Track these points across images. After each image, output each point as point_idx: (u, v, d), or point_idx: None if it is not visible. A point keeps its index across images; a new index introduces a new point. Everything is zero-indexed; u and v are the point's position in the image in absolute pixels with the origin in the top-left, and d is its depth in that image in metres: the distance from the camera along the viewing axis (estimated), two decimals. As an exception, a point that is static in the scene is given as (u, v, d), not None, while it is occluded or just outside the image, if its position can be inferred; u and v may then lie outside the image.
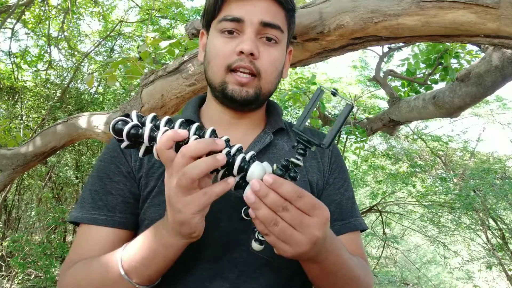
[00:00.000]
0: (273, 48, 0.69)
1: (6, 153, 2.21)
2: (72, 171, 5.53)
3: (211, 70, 0.70)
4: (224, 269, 0.64)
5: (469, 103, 2.26)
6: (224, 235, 0.65)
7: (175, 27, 6.17)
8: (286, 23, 0.71)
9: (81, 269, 0.63)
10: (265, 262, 0.65)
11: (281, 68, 0.73)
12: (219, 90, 0.69)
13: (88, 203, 0.68)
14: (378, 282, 7.39)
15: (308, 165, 0.75)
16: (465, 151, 6.40)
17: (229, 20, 0.67)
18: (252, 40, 0.66)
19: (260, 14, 0.66)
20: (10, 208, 5.72)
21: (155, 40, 1.75)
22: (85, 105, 5.43)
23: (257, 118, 0.77)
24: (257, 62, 0.67)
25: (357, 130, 2.96)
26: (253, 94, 0.68)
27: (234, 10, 0.67)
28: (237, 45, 0.66)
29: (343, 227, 0.73)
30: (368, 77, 5.93)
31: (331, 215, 0.70)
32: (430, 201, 5.94)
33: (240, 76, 0.66)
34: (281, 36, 0.69)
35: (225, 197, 0.65)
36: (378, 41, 1.21)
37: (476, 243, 6.23)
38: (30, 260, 4.34)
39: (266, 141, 0.73)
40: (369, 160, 6.75)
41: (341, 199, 0.75)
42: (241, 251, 0.64)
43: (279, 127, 0.76)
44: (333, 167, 0.77)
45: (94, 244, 0.66)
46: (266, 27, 0.67)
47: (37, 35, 6.04)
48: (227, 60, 0.67)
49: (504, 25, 0.97)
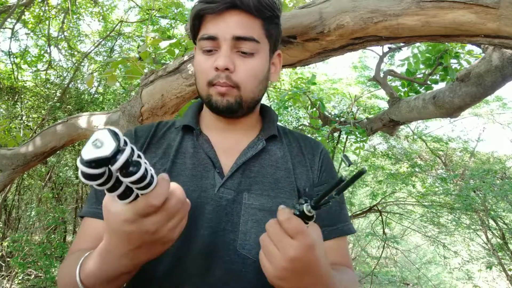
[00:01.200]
0: (249, 59, 0.72)
1: (6, 153, 2.21)
2: (72, 171, 5.53)
3: (198, 85, 0.76)
4: (212, 265, 0.66)
5: (469, 103, 2.26)
6: (214, 233, 0.68)
7: (175, 27, 6.17)
8: (263, 32, 0.73)
9: (67, 263, 0.66)
10: (251, 262, 0.67)
11: (264, 75, 0.75)
12: (206, 101, 0.74)
13: (92, 199, 0.73)
14: (378, 282, 7.39)
15: (298, 171, 0.78)
16: (465, 151, 6.40)
17: (205, 39, 0.71)
18: (226, 55, 0.70)
19: (232, 29, 0.70)
20: (10, 208, 5.72)
21: (155, 40, 1.75)
22: (85, 105, 5.43)
23: (251, 123, 0.81)
24: (233, 76, 0.70)
25: (357, 130, 2.96)
26: (234, 102, 0.72)
27: (209, 29, 0.71)
28: (213, 62, 0.71)
29: (331, 232, 0.76)
30: (368, 77, 5.93)
31: (320, 221, 0.72)
32: (430, 201, 5.94)
33: (219, 87, 0.71)
34: (257, 46, 0.72)
35: (217, 200, 0.70)
36: (378, 41, 1.21)
37: (476, 243, 6.23)
38: (30, 260, 4.34)
39: (258, 148, 0.76)
40: (369, 160, 6.75)
41: (330, 205, 0.76)
42: (228, 249, 0.67)
43: (272, 134, 0.79)
44: (323, 176, 0.80)
45: (92, 236, 0.69)
46: (239, 41, 0.70)
47: (37, 35, 6.04)
48: (207, 76, 0.72)
49: (504, 25, 0.97)
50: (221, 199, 0.70)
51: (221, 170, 0.73)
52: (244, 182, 0.72)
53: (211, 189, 0.71)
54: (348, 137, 3.87)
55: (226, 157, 0.75)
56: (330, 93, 6.16)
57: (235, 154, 0.75)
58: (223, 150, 0.76)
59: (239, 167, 0.73)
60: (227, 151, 0.76)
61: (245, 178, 0.73)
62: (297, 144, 0.83)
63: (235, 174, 0.73)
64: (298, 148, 0.82)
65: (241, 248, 0.68)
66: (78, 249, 0.68)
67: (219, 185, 0.71)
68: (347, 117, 3.59)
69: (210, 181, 0.72)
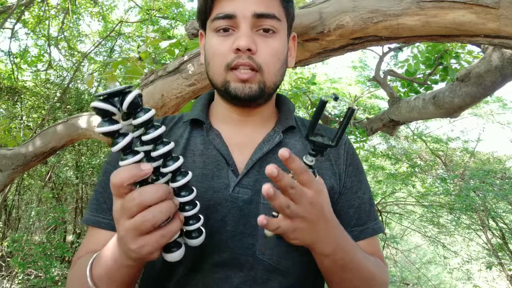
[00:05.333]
0: (271, 38, 0.65)
1: (6, 153, 2.21)
2: (72, 171, 5.53)
3: (211, 71, 0.68)
4: (231, 274, 0.62)
5: (469, 103, 2.26)
6: (230, 238, 0.63)
7: (175, 27, 6.17)
8: (282, 10, 0.67)
9: (75, 269, 0.64)
10: (272, 268, 0.63)
11: (284, 58, 0.69)
12: (222, 89, 0.66)
13: (94, 205, 0.69)
14: (378, 282, 7.38)
15: (320, 165, 0.71)
16: (465, 151, 6.40)
17: (221, 18, 0.64)
18: (248, 35, 0.63)
19: (252, 6, 0.63)
20: (10, 208, 5.72)
21: (155, 40, 1.75)
22: (85, 105, 5.42)
23: (267, 114, 0.74)
24: (256, 57, 0.64)
25: (357, 130, 2.96)
26: (257, 89, 0.65)
27: (225, 7, 0.64)
28: (233, 43, 0.63)
29: (362, 233, 0.71)
30: (368, 77, 5.93)
31: (349, 220, 0.70)
32: (430, 202, 5.94)
33: (241, 72, 0.63)
34: (278, 25, 0.66)
35: (232, 201, 0.64)
36: (378, 41, 1.21)
37: (476, 243, 6.23)
38: (30, 260, 4.33)
39: (275, 141, 0.69)
40: (369, 160, 6.74)
41: (360, 203, 0.72)
42: (247, 255, 0.63)
43: (290, 125, 0.72)
44: (349, 170, 0.73)
45: (96, 245, 0.66)
46: (260, 18, 0.64)
47: (37, 35, 6.04)
48: (225, 59, 0.64)
49: (504, 25, 0.97)
50: (237, 200, 0.63)
51: (235, 168, 0.66)
52: (261, 180, 0.65)
53: (225, 189, 0.64)
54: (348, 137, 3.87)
55: (240, 153, 0.68)
56: (330, 93, 6.16)
57: (249, 149, 0.68)
58: (237, 145, 0.69)
59: (255, 163, 0.66)
60: (240, 146, 0.69)
61: (262, 176, 0.65)
62: None
63: (251, 171, 0.65)
64: None
65: (261, 253, 0.62)
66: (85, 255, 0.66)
67: (234, 184, 0.64)
68: (347, 117, 3.57)
69: (223, 180, 0.65)
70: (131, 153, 0.47)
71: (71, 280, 0.64)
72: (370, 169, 6.66)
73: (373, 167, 6.60)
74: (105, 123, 0.45)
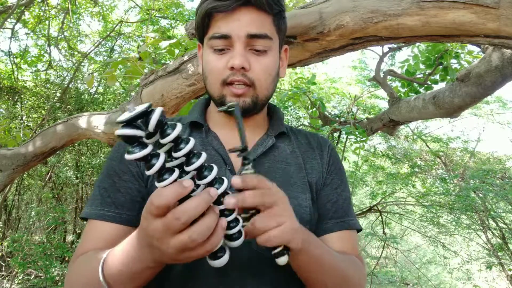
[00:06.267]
0: (263, 57, 0.71)
1: (6, 153, 2.21)
2: (72, 171, 5.53)
3: (209, 85, 0.74)
4: (227, 265, 0.64)
5: (469, 103, 2.26)
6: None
7: (175, 27, 6.17)
8: (274, 28, 0.73)
9: (78, 264, 0.65)
10: (267, 261, 0.65)
11: (276, 72, 0.75)
12: (219, 102, 0.73)
13: (97, 200, 0.71)
14: (378, 282, 7.39)
15: (308, 166, 0.78)
16: (465, 151, 6.40)
17: (217, 38, 0.70)
18: (242, 54, 0.69)
19: (245, 27, 0.68)
20: (10, 208, 5.73)
21: (155, 40, 1.75)
22: (85, 105, 5.43)
23: (259, 121, 0.81)
24: (249, 74, 0.70)
25: (357, 130, 2.96)
26: (251, 102, 0.71)
27: (221, 27, 0.69)
28: (228, 61, 0.69)
29: (336, 225, 0.76)
30: (367, 77, 5.93)
31: (326, 213, 0.76)
32: (430, 202, 5.94)
33: (236, 88, 0.70)
34: (270, 43, 0.72)
35: None
36: (378, 41, 1.21)
37: (476, 243, 6.23)
38: (30, 260, 4.34)
39: (268, 144, 0.76)
40: (369, 160, 6.74)
41: (338, 198, 0.78)
42: (243, 248, 0.64)
43: (281, 131, 0.80)
44: (331, 168, 0.80)
45: (100, 239, 0.67)
46: (253, 39, 0.69)
47: (37, 35, 6.04)
48: (221, 75, 0.70)
49: (504, 25, 0.97)
50: None
51: (232, 167, 0.71)
52: None
53: None
54: (348, 137, 3.87)
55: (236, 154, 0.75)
56: (330, 93, 6.16)
57: None
58: (233, 147, 0.75)
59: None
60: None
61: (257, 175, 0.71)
62: (306, 140, 0.83)
63: None
64: (307, 143, 0.82)
65: (257, 246, 0.66)
66: (87, 250, 0.67)
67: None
68: (347, 117, 3.59)
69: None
70: (167, 171, 0.46)
71: (72, 277, 0.64)
72: (370, 169, 6.66)
73: (373, 167, 6.60)
74: (136, 148, 0.44)
